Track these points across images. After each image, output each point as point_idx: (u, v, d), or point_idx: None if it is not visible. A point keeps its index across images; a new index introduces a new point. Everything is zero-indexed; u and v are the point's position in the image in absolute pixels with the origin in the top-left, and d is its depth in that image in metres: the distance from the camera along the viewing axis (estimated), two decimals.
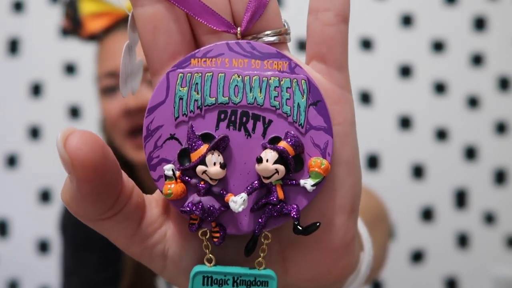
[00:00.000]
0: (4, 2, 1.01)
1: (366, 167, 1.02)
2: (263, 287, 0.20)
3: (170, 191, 0.19)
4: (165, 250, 0.21)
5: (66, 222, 0.70)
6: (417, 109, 1.03)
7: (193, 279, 0.20)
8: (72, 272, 0.67)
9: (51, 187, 1.01)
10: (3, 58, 1.01)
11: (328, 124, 0.20)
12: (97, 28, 0.64)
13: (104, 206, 0.18)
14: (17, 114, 1.01)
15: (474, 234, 1.03)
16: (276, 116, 0.20)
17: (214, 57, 0.20)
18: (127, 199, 0.19)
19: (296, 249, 0.22)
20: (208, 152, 0.19)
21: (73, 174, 0.17)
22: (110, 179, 0.18)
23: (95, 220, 0.19)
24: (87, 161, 0.17)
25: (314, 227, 0.20)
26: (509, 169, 1.04)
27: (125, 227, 0.20)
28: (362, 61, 1.02)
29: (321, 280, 0.22)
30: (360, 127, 0.88)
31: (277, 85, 0.20)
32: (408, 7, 1.03)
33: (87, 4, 0.64)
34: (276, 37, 0.20)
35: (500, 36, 1.03)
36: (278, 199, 0.20)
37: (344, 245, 0.22)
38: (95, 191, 0.18)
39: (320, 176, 0.20)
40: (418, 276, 1.02)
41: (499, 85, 1.04)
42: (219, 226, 0.20)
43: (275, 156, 0.19)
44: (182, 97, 0.20)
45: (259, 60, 0.20)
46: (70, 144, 0.17)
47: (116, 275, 0.64)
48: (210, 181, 0.19)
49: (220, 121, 0.20)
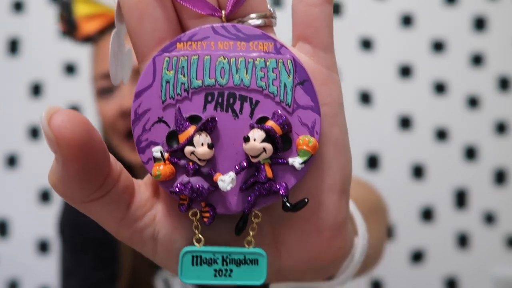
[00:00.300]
0: (4, 2, 1.01)
1: (366, 167, 1.02)
2: (253, 265, 0.20)
3: (159, 172, 0.19)
4: (155, 233, 0.21)
5: (64, 222, 0.70)
6: (417, 109, 1.03)
7: (182, 259, 0.20)
8: (70, 272, 0.67)
9: (51, 187, 1.01)
10: (3, 58, 1.01)
11: (315, 103, 0.20)
12: (92, 30, 0.65)
13: (91, 187, 0.18)
14: (17, 114, 1.01)
15: (474, 234, 1.03)
16: (263, 96, 0.20)
17: (199, 40, 0.20)
18: (115, 181, 0.19)
19: (288, 231, 0.22)
20: (195, 133, 0.19)
21: (58, 153, 0.17)
22: (97, 159, 0.18)
23: (83, 202, 0.19)
24: (72, 140, 0.17)
25: (302, 203, 0.20)
26: (509, 169, 1.04)
27: (113, 210, 0.20)
28: (362, 61, 1.02)
29: (314, 262, 0.22)
30: (360, 127, 0.88)
31: (263, 66, 0.20)
32: (408, 7, 1.03)
33: (81, 6, 0.64)
34: (262, 20, 0.20)
35: (500, 36, 1.03)
36: (266, 177, 0.20)
37: (336, 226, 0.22)
38: (81, 171, 0.18)
39: (308, 153, 0.20)
40: (418, 276, 1.02)
41: (499, 85, 1.04)
42: (209, 206, 0.20)
43: (263, 135, 0.19)
44: (169, 80, 0.20)
45: (244, 42, 0.20)
46: (55, 122, 0.17)
47: (114, 274, 0.64)
48: (199, 162, 0.20)
49: (207, 103, 0.20)
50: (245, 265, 0.20)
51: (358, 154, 1.02)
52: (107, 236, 0.64)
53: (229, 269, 0.20)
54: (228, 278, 0.20)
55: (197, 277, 0.20)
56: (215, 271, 0.20)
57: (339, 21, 1.02)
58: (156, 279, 0.64)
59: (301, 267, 0.23)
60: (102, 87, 0.62)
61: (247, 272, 0.20)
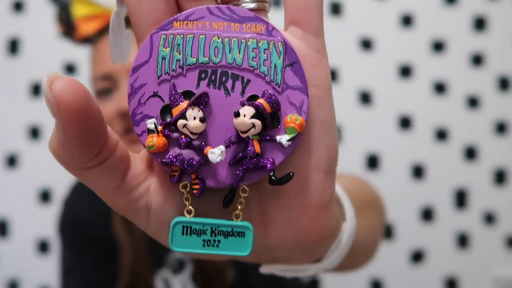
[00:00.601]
0: (4, 2, 1.01)
1: (366, 167, 1.02)
2: (240, 237, 0.21)
3: (152, 143, 0.20)
4: (149, 203, 0.22)
5: (64, 222, 0.70)
6: (417, 109, 1.03)
7: (173, 228, 0.21)
8: (70, 272, 0.67)
9: (51, 187, 1.01)
10: (3, 58, 1.01)
11: (303, 84, 0.21)
12: (90, 31, 0.64)
13: (89, 153, 0.19)
14: (17, 114, 1.01)
15: (474, 234, 1.03)
16: (254, 76, 0.21)
17: (195, 20, 0.21)
18: (112, 150, 0.20)
19: (275, 208, 0.22)
20: (188, 107, 0.20)
21: (58, 117, 0.18)
22: (94, 124, 0.19)
23: (81, 169, 0.20)
24: (72, 104, 0.17)
25: (288, 177, 0.21)
26: (509, 169, 1.04)
27: (110, 179, 0.20)
28: (362, 61, 1.02)
29: (300, 239, 0.23)
30: (360, 127, 0.88)
31: (255, 47, 0.21)
32: (408, 7, 1.03)
33: (79, 7, 0.64)
34: (255, 3, 0.21)
35: (500, 36, 1.03)
36: (254, 152, 0.20)
37: (321, 204, 0.22)
38: (80, 136, 0.18)
39: (295, 131, 0.20)
40: (418, 276, 1.02)
41: (499, 85, 1.04)
42: (199, 179, 0.21)
43: (252, 111, 0.20)
44: (165, 57, 0.21)
45: (238, 23, 0.21)
46: (55, 87, 0.17)
47: (114, 274, 0.64)
48: (191, 135, 0.20)
49: (200, 80, 0.21)
50: (232, 237, 0.21)
51: (358, 154, 1.02)
52: (107, 236, 0.65)
53: (217, 240, 0.21)
54: (216, 249, 0.21)
55: (186, 246, 0.21)
56: (203, 241, 0.21)
57: (339, 21, 1.02)
58: (156, 278, 0.64)
59: (288, 244, 0.23)
60: (101, 88, 0.63)
61: (233, 244, 0.21)
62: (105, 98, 0.62)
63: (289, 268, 0.27)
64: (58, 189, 1.00)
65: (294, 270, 0.27)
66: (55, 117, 0.18)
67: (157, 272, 0.64)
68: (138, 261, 0.64)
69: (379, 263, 0.56)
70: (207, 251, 0.21)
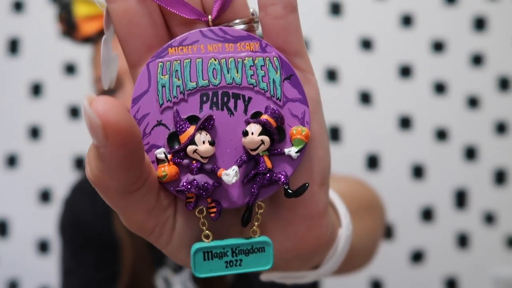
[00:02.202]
0: (4, 2, 1.01)
1: (366, 167, 1.02)
2: (261, 253, 0.22)
3: (165, 173, 0.20)
4: (175, 222, 0.22)
5: (65, 222, 0.70)
6: (417, 109, 1.03)
7: (194, 256, 0.21)
8: (71, 272, 0.67)
9: (51, 187, 1.01)
10: (3, 58, 1.01)
11: (302, 96, 0.21)
12: (92, 31, 0.64)
13: (135, 174, 0.18)
14: (17, 114, 1.01)
15: (474, 234, 1.03)
16: (254, 93, 0.21)
17: (189, 44, 0.21)
18: (149, 170, 0.20)
19: (274, 221, 0.23)
20: (196, 132, 0.20)
21: (105, 140, 0.17)
22: (139, 142, 0.18)
23: (124, 194, 0.19)
24: (119, 124, 0.16)
25: (303, 188, 0.21)
26: (509, 169, 1.04)
27: (147, 201, 0.20)
28: (362, 61, 1.02)
29: (297, 249, 0.24)
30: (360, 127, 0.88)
31: (251, 64, 0.21)
32: (408, 7, 1.03)
33: (81, 7, 0.64)
34: (244, 25, 0.22)
35: (500, 36, 1.03)
36: (266, 168, 0.21)
37: (315, 215, 0.23)
38: (128, 156, 0.17)
39: (303, 142, 0.21)
40: (418, 276, 1.03)
41: (499, 85, 1.04)
42: (215, 202, 0.21)
43: (259, 128, 0.20)
44: (164, 84, 0.21)
45: (232, 43, 0.21)
46: (98, 109, 0.16)
47: (114, 274, 0.64)
48: (202, 160, 0.20)
49: (203, 103, 0.21)
50: (253, 254, 0.22)
51: (358, 154, 1.02)
52: (107, 236, 0.65)
53: (239, 259, 0.22)
54: (239, 268, 0.22)
55: (210, 271, 0.21)
56: (226, 262, 0.21)
57: (339, 21, 1.02)
58: (157, 278, 0.64)
59: (286, 255, 0.24)
60: (103, 89, 0.63)
61: (255, 260, 0.22)
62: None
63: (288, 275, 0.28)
64: (58, 189, 1.00)
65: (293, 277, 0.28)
66: (99, 140, 0.17)
67: (158, 271, 0.64)
68: (139, 261, 0.64)
69: (379, 263, 0.56)
70: (231, 271, 0.21)
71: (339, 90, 1.01)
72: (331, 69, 1.01)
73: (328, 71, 1.01)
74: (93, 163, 0.18)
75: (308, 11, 0.99)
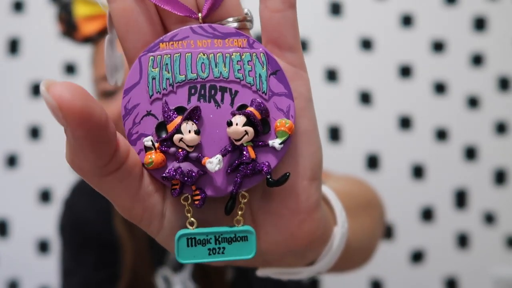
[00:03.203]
0: (4, 2, 1.01)
1: (366, 167, 1.02)
2: (244, 242, 0.22)
3: (151, 160, 0.21)
4: (164, 210, 0.22)
5: (64, 222, 0.71)
6: (417, 109, 1.03)
7: (178, 242, 0.22)
8: (71, 272, 0.67)
9: (51, 187, 1.01)
10: (3, 58, 1.01)
11: (288, 90, 0.22)
12: (92, 31, 0.64)
13: (103, 154, 0.19)
14: (17, 114, 1.01)
15: (474, 234, 1.03)
16: (241, 86, 0.22)
17: (180, 40, 0.22)
18: (126, 154, 0.20)
19: (265, 214, 0.24)
20: (182, 121, 0.21)
21: (63, 119, 0.18)
22: (102, 123, 0.19)
23: (99, 176, 0.20)
24: (73, 103, 0.18)
25: (285, 177, 0.22)
26: (509, 169, 1.04)
27: (128, 185, 0.21)
28: (362, 61, 1.02)
29: (289, 244, 0.24)
30: (360, 127, 0.88)
31: (239, 59, 0.22)
32: (408, 7, 1.03)
33: (81, 7, 0.64)
34: (237, 23, 0.22)
35: (500, 36, 1.03)
36: (250, 158, 0.21)
37: (307, 210, 0.23)
38: (90, 135, 0.18)
39: (286, 134, 0.22)
40: (418, 276, 1.03)
41: (499, 85, 1.04)
42: (199, 190, 0.22)
43: (244, 119, 0.21)
44: (155, 77, 0.22)
45: (220, 39, 0.22)
46: (55, 91, 0.18)
47: (115, 274, 0.64)
48: (187, 148, 0.21)
49: (191, 95, 0.22)
50: (236, 242, 0.22)
51: (358, 154, 1.02)
52: (108, 235, 0.65)
53: (222, 247, 0.22)
54: (222, 255, 0.22)
55: (193, 257, 0.22)
56: (209, 250, 0.22)
57: (339, 21, 1.02)
58: (157, 277, 0.64)
59: (278, 249, 0.24)
60: (104, 89, 0.63)
61: (238, 249, 0.22)
62: (110, 99, 0.62)
63: (283, 271, 0.28)
64: (58, 189, 1.00)
65: (288, 273, 0.28)
66: (59, 120, 0.18)
67: (158, 271, 0.64)
68: (139, 260, 0.64)
69: (379, 263, 0.56)
70: (214, 258, 0.22)
71: (339, 90, 1.01)
72: (331, 69, 1.01)
73: (328, 71, 1.01)
74: (67, 148, 0.20)
75: (308, 11, 0.99)
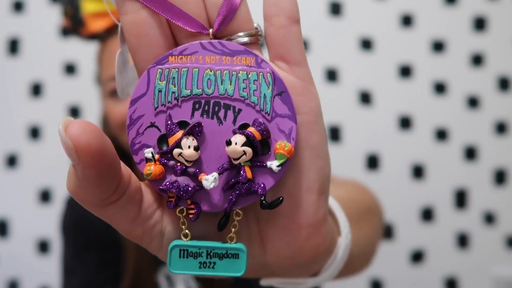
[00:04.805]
0: (4, 2, 1.01)
1: (366, 167, 1.02)
2: (234, 259, 0.22)
3: (149, 171, 0.21)
4: (163, 229, 0.23)
5: (67, 222, 0.71)
6: (417, 109, 1.03)
7: (170, 252, 0.22)
8: (73, 272, 0.67)
9: (51, 187, 1.01)
10: (3, 58, 1.01)
11: (292, 112, 0.22)
12: (99, 28, 0.65)
13: (109, 189, 0.20)
14: (17, 114, 1.01)
15: (474, 234, 1.03)
16: (245, 105, 0.22)
17: (189, 54, 0.22)
18: (127, 183, 0.21)
19: (272, 228, 0.24)
20: (183, 137, 0.21)
21: (78, 160, 0.19)
22: (111, 162, 0.19)
23: (101, 206, 0.20)
24: (89, 146, 0.18)
25: (278, 201, 0.22)
26: (509, 169, 1.04)
27: (128, 211, 0.21)
28: (362, 61, 1.02)
29: (296, 257, 0.24)
30: (360, 127, 0.88)
31: (245, 78, 0.22)
32: (408, 7, 1.03)
33: (89, 4, 0.64)
34: (248, 38, 0.23)
35: (500, 36, 1.03)
36: (246, 178, 0.22)
37: (315, 224, 0.24)
38: (100, 174, 0.19)
39: (284, 157, 0.22)
40: (418, 276, 1.03)
41: (499, 85, 1.04)
42: (194, 204, 0.22)
43: (243, 139, 0.21)
44: (161, 89, 0.22)
45: (229, 56, 0.22)
46: (72, 131, 0.18)
47: (117, 274, 0.64)
48: (186, 163, 0.22)
49: (195, 110, 0.22)
50: (227, 259, 0.22)
51: (358, 154, 1.02)
52: (110, 234, 0.65)
53: (213, 262, 0.22)
54: (212, 270, 0.22)
55: (183, 268, 0.22)
56: (200, 263, 0.22)
57: (339, 21, 1.02)
58: (159, 276, 0.64)
59: (285, 262, 0.25)
60: (113, 89, 0.63)
61: (228, 265, 0.22)
62: (118, 99, 0.62)
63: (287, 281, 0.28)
64: (58, 189, 1.00)
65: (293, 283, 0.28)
66: (73, 160, 0.19)
67: (160, 270, 0.64)
68: (141, 259, 0.64)
69: (379, 263, 0.56)
70: (203, 272, 0.22)
71: (339, 90, 1.01)
72: (331, 69, 1.01)
73: (328, 71, 1.01)
74: (70, 178, 0.20)
75: (308, 11, 0.99)
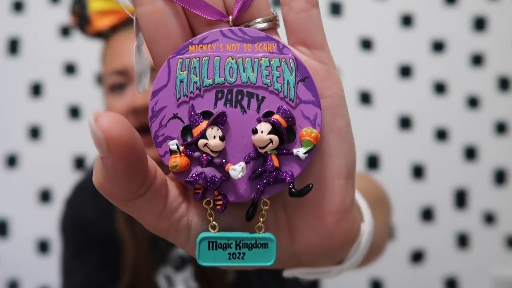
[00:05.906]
0: (4, 2, 1.01)
1: (366, 167, 1.02)
2: (264, 249, 0.22)
3: (175, 163, 0.21)
4: (189, 222, 0.22)
5: (67, 222, 0.70)
6: (417, 109, 1.03)
7: (199, 244, 0.22)
8: (72, 272, 0.67)
9: (51, 187, 1.01)
10: (3, 58, 1.01)
11: (316, 98, 0.22)
12: (105, 26, 0.65)
13: (137, 182, 0.20)
14: (17, 114, 1.01)
15: (474, 234, 1.03)
16: (268, 92, 0.22)
17: (209, 43, 0.22)
18: (154, 176, 0.21)
19: (301, 216, 0.24)
20: (208, 127, 0.21)
21: (107, 152, 0.18)
22: (140, 155, 0.19)
23: (128, 200, 0.20)
24: (120, 139, 0.18)
25: (307, 189, 0.21)
26: (509, 169, 1.04)
27: (154, 205, 0.21)
28: (362, 61, 1.02)
29: (325, 245, 0.24)
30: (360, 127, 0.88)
31: (267, 65, 0.22)
32: (408, 7, 1.03)
33: (95, 2, 0.65)
34: (266, 23, 0.22)
35: (500, 36, 1.03)
36: (273, 166, 0.21)
37: (343, 209, 0.23)
38: (129, 167, 0.19)
39: (311, 144, 0.21)
40: (418, 276, 1.03)
41: (499, 85, 1.04)
42: (221, 195, 0.22)
43: (269, 127, 0.21)
44: (183, 80, 0.22)
45: (250, 43, 0.22)
46: (102, 124, 0.18)
47: (117, 274, 0.64)
48: (211, 153, 0.21)
49: (217, 99, 0.22)
50: (256, 249, 0.22)
51: (358, 154, 1.01)
52: (110, 235, 0.65)
53: (242, 253, 0.22)
54: (241, 261, 0.22)
55: (213, 260, 0.22)
56: (229, 254, 0.22)
57: (339, 21, 1.02)
58: (159, 275, 0.64)
59: (314, 250, 0.24)
60: (113, 83, 0.63)
61: (258, 255, 0.22)
62: (118, 93, 0.62)
63: (312, 271, 0.28)
64: (58, 189, 1.00)
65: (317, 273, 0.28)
66: (102, 152, 0.19)
67: (160, 270, 0.64)
68: (141, 259, 0.64)
69: (379, 263, 0.56)
70: (233, 263, 0.22)
71: None
72: None
73: None
74: (98, 172, 0.20)
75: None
